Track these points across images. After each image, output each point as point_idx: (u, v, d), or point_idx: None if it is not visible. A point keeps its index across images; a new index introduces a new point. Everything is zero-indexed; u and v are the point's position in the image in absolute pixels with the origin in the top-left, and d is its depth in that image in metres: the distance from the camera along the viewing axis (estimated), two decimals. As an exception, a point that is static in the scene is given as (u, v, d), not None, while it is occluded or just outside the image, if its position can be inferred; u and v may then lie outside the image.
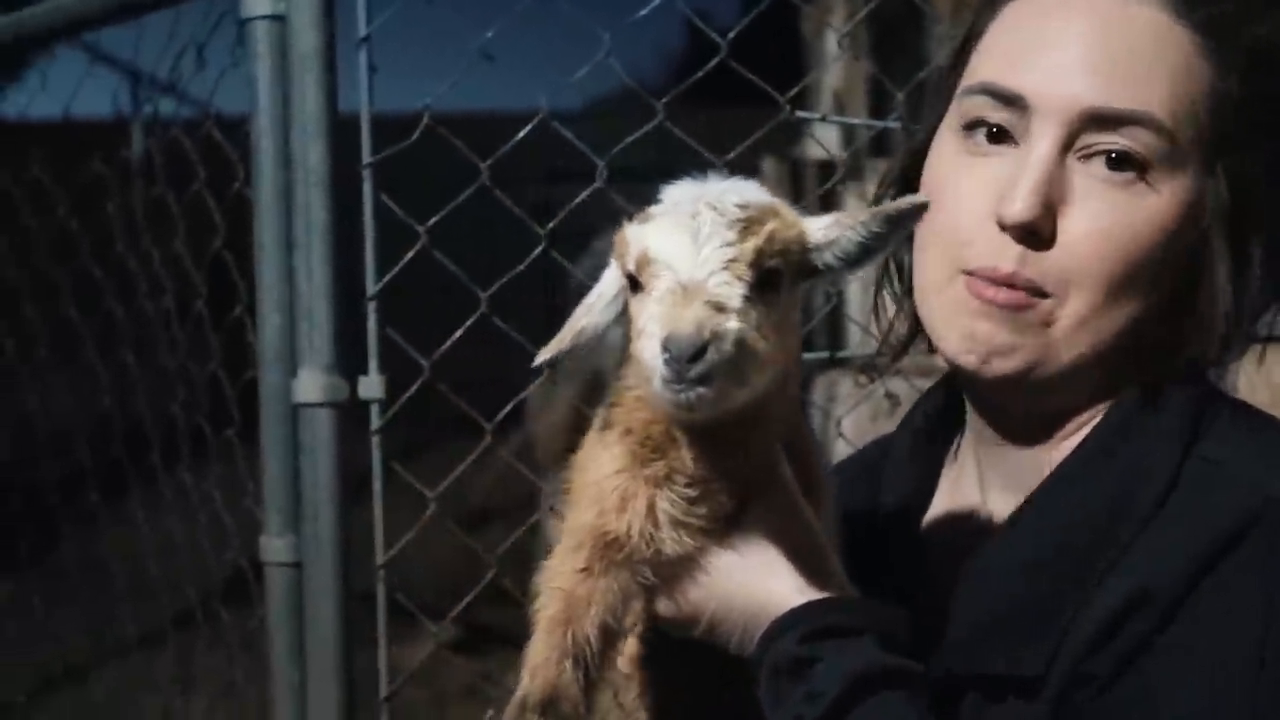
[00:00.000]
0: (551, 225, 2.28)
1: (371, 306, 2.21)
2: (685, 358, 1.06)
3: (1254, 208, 1.29)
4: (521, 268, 2.22)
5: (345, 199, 2.18)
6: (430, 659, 5.30)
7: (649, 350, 1.09)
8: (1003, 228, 1.27)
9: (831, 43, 4.74)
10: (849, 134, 3.92)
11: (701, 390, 1.08)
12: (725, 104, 2.25)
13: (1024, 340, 1.28)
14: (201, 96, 2.73)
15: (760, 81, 2.29)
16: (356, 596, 2.21)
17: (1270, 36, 1.30)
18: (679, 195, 1.16)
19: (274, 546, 2.20)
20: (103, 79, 3.42)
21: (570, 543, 1.24)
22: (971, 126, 1.33)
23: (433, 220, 2.24)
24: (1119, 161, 1.26)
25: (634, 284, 1.14)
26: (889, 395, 1.75)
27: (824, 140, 4.75)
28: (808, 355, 3.21)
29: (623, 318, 1.21)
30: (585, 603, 1.22)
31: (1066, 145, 1.27)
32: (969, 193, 1.31)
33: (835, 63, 5.14)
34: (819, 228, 1.18)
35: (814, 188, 4.56)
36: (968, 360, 1.30)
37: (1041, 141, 1.27)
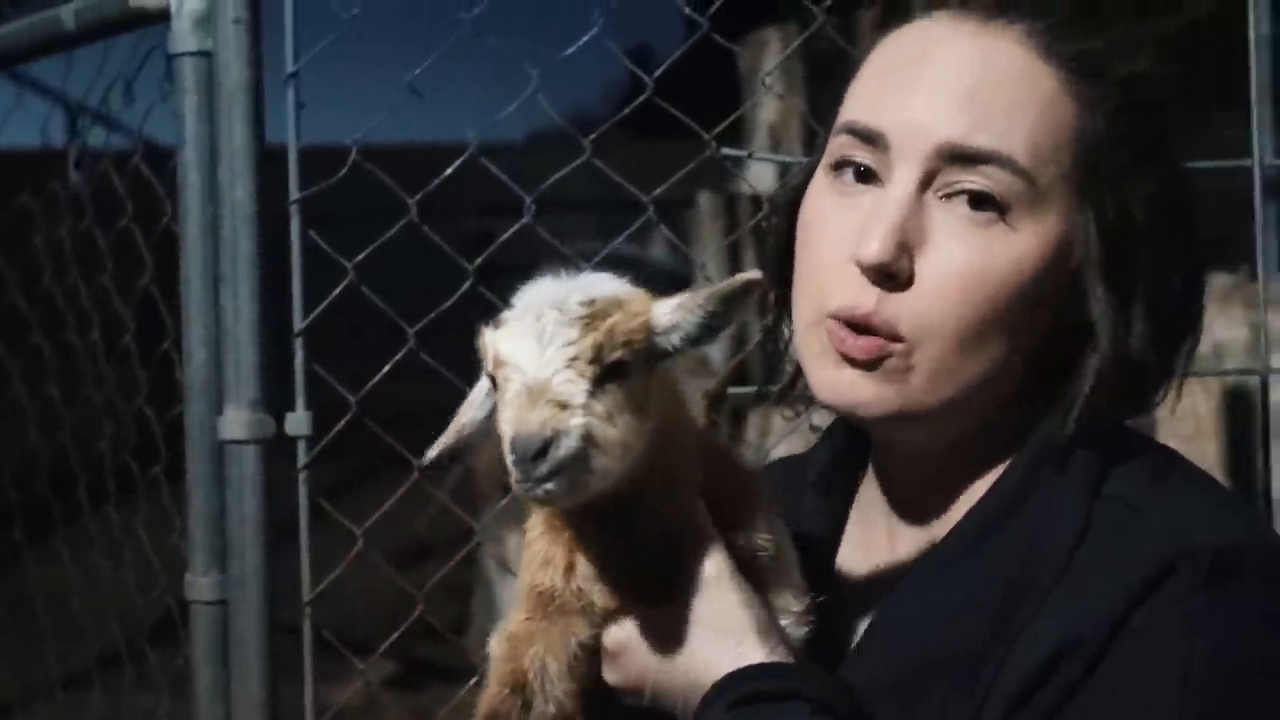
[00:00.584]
0: (479, 261, 2.29)
1: (298, 342, 2.21)
2: (529, 457, 1.11)
3: (1130, 249, 1.27)
4: (449, 304, 2.22)
5: (273, 234, 2.18)
6: (364, 696, 5.25)
7: (504, 449, 1.14)
8: (861, 269, 1.27)
9: (766, 78, 4.81)
10: (785, 169, 3.98)
11: (549, 486, 1.13)
12: (663, 138, 2.27)
13: (885, 391, 1.27)
14: (131, 129, 2.71)
15: (686, 119, 2.32)
16: (286, 633, 2.20)
17: (1139, 74, 1.30)
18: (530, 297, 1.21)
19: (199, 585, 2.19)
20: (32, 109, 3.38)
21: (517, 602, 1.32)
22: (839, 166, 1.32)
23: (360, 256, 2.24)
24: (978, 201, 1.25)
25: (494, 384, 1.20)
26: (814, 428, 1.76)
27: (762, 175, 4.79)
28: (737, 390, 3.23)
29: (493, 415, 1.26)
30: (527, 641, 1.28)
31: (925, 184, 1.27)
32: (834, 234, 1.30)
33: (770, 99, 5.20)
34: (664, 313, 1.22)
35: (747, 222, 4.61)
36: (833, 406, 1.32)
37: (900, 180, 1.27)
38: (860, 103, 1.33)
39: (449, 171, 2.23)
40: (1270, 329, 2.32)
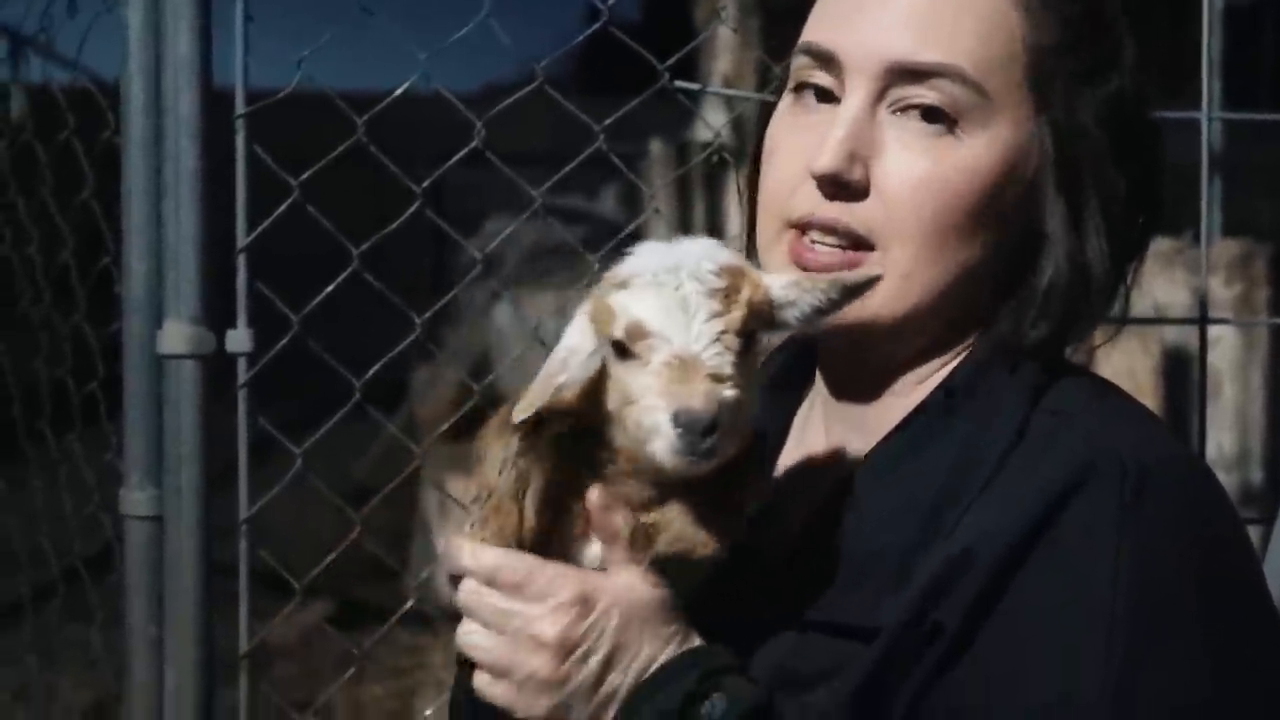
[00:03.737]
0: (427, 183, 2.27)
1: (241, 260, 2.18)
2: (699, 430, 1.13)
3: (1083, 159, 1.30)
4: (398, 224, 2.21)
5: (219, 153, 2.14)
6: (302, 635, 5.23)
7: (651, 419, 1.15)
8: (816, 181, 1.29)
9: (720, 28, 4.80)
10: (739, 120, 3.97)
11: (711, 458, 1.16)
12: (620, 91, 2.27)
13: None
14: (72, 62, 2.67)
15: (640, 49, 2.30)
16: (222, 573, 2.18)
17: None
18: (651, 261, 1.21)
19: (134, 499, 2.16)
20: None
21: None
22: (800, 89, 1.36)
23: (305, 175, 2.21)
24: (929, 114, 1.28)
25: (620, 350, 1.19)
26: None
27: (713, 124, 4.77)
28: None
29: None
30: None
31: (877, 99, 1.29)
32: (792, 150, 1.33)
33: (725, 50, 5.19)
34: (779, 287, 1.24)
35: (700, 170, 4.60)
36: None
37: (852, 96, 1.30)
38: (815, 24, 1.36)
39: (398, 93, 2.21)
40: (1210, 288, 2.36)
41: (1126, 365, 3.92)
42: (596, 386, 1.22)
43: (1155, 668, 1.16)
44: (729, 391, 1.15)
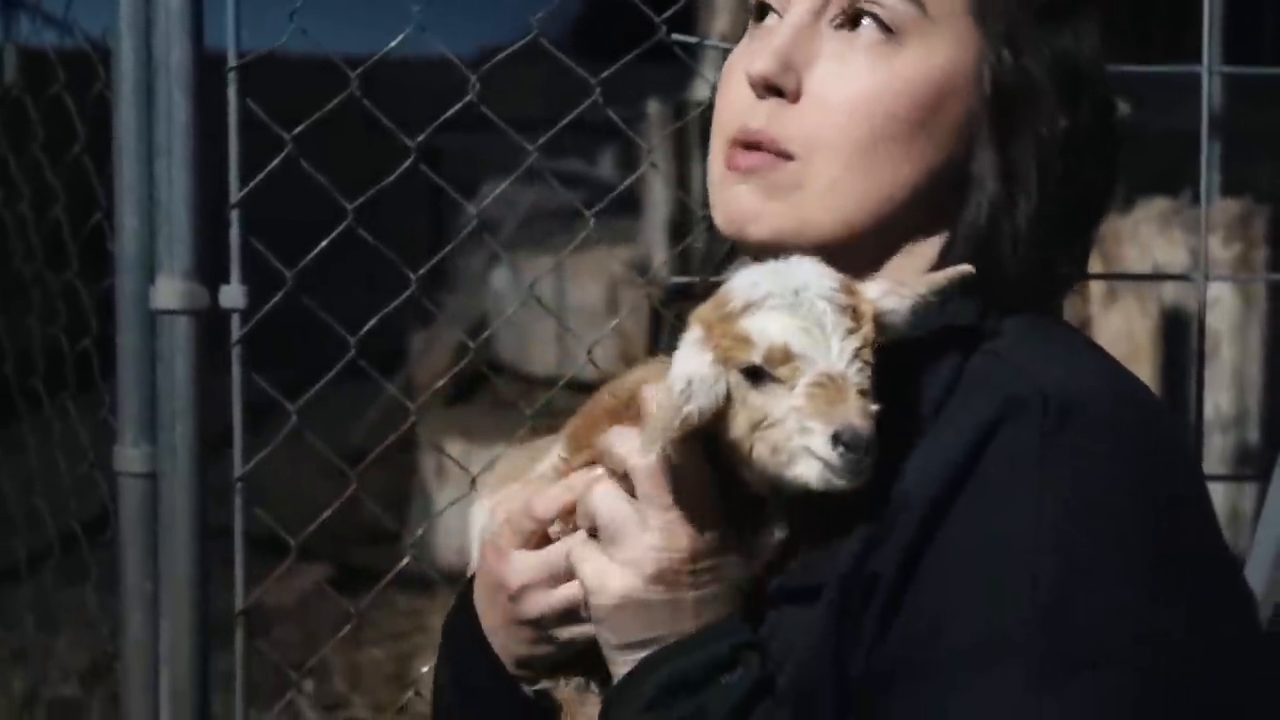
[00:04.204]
0: (421, 137, 2.25)
1: (235, 215, 2.16)
2: (863, 449, 1.13)
3: (1023, 108, 1.29)
4: (393, 178, 2.20)
5: (213, 111, 2.13)
6: (300, 598, 5.24)
7: (801, 441, 1.15)
8: (750, 85, 1.30)
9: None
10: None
11: (866, 476, 1.16)
12: (617, 56, 2.26)
13: (774, 204, 1.29)
14: (64, 23, 2.65)
15: (639, 3, 2.28)
16: (219, 530, 2.17)
17: None
18: (765, 284, 1.20)
19: (128, 456, 2.15)
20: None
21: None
22: (759, 14, 1.36)
23: (299, 128, 2.19)
24: (868, 26, 1.29)
25: (754, 375, 1.18)
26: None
27: (712, 80, 4.74)
28: (680, 279, 3.22)
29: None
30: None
31: (818, 13, 1.30)
32: (739, 68, 1.34)
33: (724, 8, 5.16)
34: (879, 295, 1.23)
35: (698, 126, 4.58)
36: (727, 229, 1.33)
37: (795, 8, 1.31)
38: None
39: (393, 44, 2.19)
40: (1209, 247, 2.34)
41: (1125, 326, 3.90)
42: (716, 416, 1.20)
43: (1085, 595, 1.11)
44: (873, 407, 1.15)
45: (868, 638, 1.17)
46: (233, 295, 2.16)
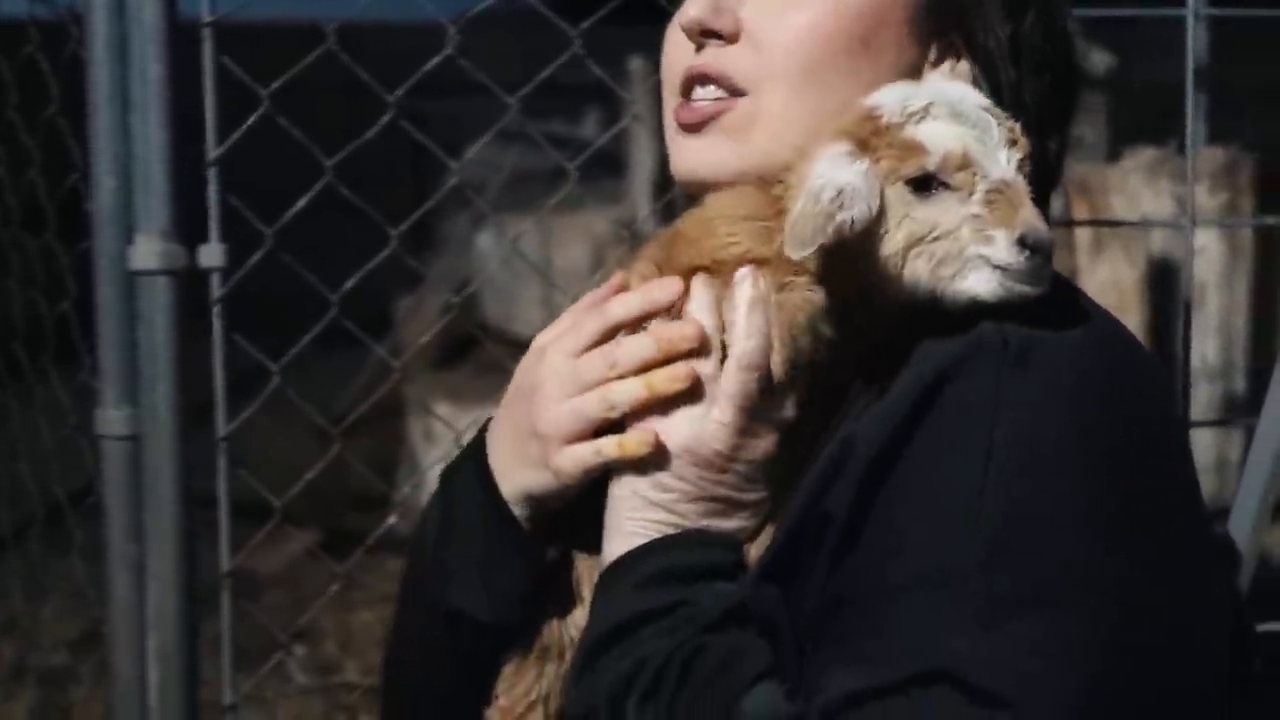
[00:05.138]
0: (400, 91, 2.23)
1: (212, 173, 2.13)
2: (1046, 253, 1.14)
3: (954, 14, 1.29)
4: (372, 133, 2.17)
5: (189, 72, 2.09)
6: (290, 563, 5.22)
7: (980, 249, 1.14)
8: (686, 35, 1.31)
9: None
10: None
11: (1043, 285, 1.16)
12: (601, 20, 2.24)
13: (726, 148, 1.29)
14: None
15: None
16: (205, 498, 2.15)
17: None
18: (923, 95, 1.18)
19: (110, 418, 2.13)
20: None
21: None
22: None
23: (276, 84, 2.16)
24: None
25: (922, 185, 1.16)
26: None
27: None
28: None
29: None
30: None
31: None
32: (677, 27, 1.35)
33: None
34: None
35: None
36: (684, 181, 1.33)
37: None
38: None
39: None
40: (1195, 196, 2.32)
41: (1112, 276, 3.89)
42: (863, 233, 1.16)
43: (1029, 536, 1.10)
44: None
45: (820, 576, 1.16)
46: (212, 254, 2.13)
